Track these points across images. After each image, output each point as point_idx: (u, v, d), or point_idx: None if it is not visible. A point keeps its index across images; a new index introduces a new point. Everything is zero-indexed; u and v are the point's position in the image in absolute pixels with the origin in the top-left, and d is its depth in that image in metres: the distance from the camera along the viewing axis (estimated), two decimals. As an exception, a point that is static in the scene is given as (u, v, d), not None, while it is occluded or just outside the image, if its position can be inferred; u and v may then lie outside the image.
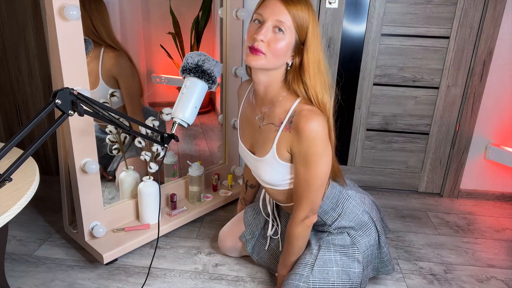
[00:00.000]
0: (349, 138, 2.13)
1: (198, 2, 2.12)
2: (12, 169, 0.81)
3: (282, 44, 1.03)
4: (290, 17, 1.01)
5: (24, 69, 1.96)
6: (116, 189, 1.76)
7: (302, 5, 1.02)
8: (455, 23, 1.86)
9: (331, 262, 1.20)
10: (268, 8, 1.02)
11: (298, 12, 1.01)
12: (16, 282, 1.42)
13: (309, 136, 1.04)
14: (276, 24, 1.02)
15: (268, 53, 1.03)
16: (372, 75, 1.99)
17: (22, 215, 1.81)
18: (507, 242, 1.77)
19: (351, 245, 1.24)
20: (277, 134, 1.12)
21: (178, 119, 1.23)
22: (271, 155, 1.15)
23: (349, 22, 1.93)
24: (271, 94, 1.15)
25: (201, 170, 1.75)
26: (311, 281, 1.17)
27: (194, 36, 2.18)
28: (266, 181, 1.23)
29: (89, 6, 1.63)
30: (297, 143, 1.08)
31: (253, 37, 1.03)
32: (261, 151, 1.19)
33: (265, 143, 1.17)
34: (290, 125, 1.09)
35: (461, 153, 2.06)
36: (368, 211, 1.30)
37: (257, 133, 1.21)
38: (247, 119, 1.27)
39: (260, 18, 1.04)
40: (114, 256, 1.48)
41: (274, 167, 1.17)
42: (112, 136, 1.61)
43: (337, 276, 1.18)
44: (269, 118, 1.15)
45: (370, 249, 1.27)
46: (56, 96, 0.89)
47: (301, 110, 1.08)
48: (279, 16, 1.01)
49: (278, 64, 1.07)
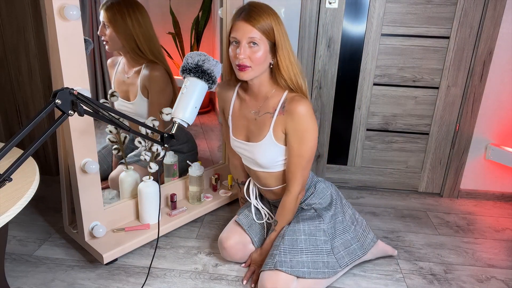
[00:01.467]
0: (349, 138, 2.13)
1: (198, 2, 2.12)
2: (12, 169, 0.81)
3: (260, 54, 1.26)
4: (258, 31, 1.24)
5: (24, 69, 1.96)
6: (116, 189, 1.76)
7: (263, 16, 1.24)
8: (455, 23, 1.86)
9: (299, 232, 1.40)
10: (239, 31, 1.25)
11: (261, 24, 1.24)
12: (16, 282, 1.42)
13: (300, 115, 1.29)
14: (249, 40, 1.25)
15: (252, 65, 1.27)
16: (372, 75, 1.99)
17: (22, 215, 1.81)
18: (507, 242, 1.77)
19: (317, 217, 1.44)
20: (273, 119, 1.34)
21: (178, 119, 1.23)
22: (268, 138, 1.36)
23: (349, 22, 1.93)
24: (264, 91, 1.37)
25: (201, 170, 1.75)
26: (282, 248, 1.36)
27: (194, 36, 2.19)
28: (261, 163, 1.42)
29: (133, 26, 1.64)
30: (291, 122, 1.30)
31: (237, 57, 1.26)
32: (258, 137, 1.39)
33: (261, 130, 1.38)
34: (283, 109, 1.32)
35: (461, 153, 2.06)
36: (334, 193, 1.54)
37: (252, 124, 1.41)
38: (240, 115, 1.45)
39: (235, 40, 1.27)
40: (114, 256, 1.48)
41: (270, 149, 1.38)
42: (112, 136, 1.61)
43: (305, 242, 1.38)
44: (265, 109, 1.37)
45: (332, 222, 1.46)
46: (56, 96, 0.89)
47: (291, 97, 1.32)
48: (249, 34, 1.24)
49: (263, 69, 1.31)
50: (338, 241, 1.45)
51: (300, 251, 1.36)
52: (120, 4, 1.63)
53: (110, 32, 1.65)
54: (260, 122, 1.38)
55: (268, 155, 1.39)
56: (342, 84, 2.03)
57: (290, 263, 1.33)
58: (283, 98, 1.33)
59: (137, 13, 1.65)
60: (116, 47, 1.70)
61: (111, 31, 1.65)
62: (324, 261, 1.38)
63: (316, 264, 1.37)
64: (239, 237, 1.52)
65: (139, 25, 1.65)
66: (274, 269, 1.32)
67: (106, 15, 1.63)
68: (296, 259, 1.34)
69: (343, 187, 2.22)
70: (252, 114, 1.40)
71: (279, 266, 1.32)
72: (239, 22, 1.25)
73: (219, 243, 1.55)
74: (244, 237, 1.53)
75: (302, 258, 1.35)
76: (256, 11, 1.25)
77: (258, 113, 1.39)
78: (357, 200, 2.10)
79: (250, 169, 1.52)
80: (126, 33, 1.65)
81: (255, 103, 1.40)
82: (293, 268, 1.32)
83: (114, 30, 1.64)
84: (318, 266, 1.37)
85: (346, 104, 2.07)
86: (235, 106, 1.46)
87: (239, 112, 1.45)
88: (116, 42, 1.67)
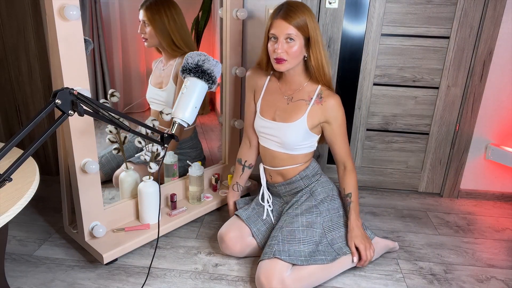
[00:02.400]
0: (349, 138, 2.13)
1: (198, 2, 2.12)
2: (12, 169, 0.81)
3: (295, 48, 1.39)
4: (294, 28, 1.36)
5: (24, 69, 1.96)
6: (116, 189, 1.76)
7: (298, 14, 1.37)
8: (455, 23, 1.86)
9: (297, 223, 1.48)
10: (277, 28, 1.38)
11: (297, 21, 1.36)
12: (16, 282, 1.42)
13: (338, 105, 1.49)
14: (286, 36, 1.37)
15: (288, 58, 1.40)
16: (372, 75, 1.99)
17: (22, 215, 1.81)
18: (507, 242, 1.77)
19: (315, 210, 1.52)
20: (309, 106, 1.49)
21: (178, 119, 1.23)
22: (301, 121, 1.49)
23: (349, 22, 1.93)
24: (297, 81, 1.51)
25: (201, 170, 1.75)
26: (280, 238, 1.43)
27: (194, 36, 2.18)
28: (287, 142, 1.52)
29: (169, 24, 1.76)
30: (333, 112, 1.48)
31: (275, 51, 1.39)
32: (289, 118, 1.51)
33: (294, 113, 1.50)
34: (320, 99, 1.48)
35: (461, 153, 2.06)
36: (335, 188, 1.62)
37: (283, 108, 1.54)
38: (271, 99, 1.57)
39: (274, 36, 1.40)
40: (114, 256, 1.48)
41: (298, 131, 1.50)
42: (112, 136, 1.61)
43: (302, 233, 1.45)
44: (299, 96, 1.51)
45: (329, 216, 1.53)
46: (56, 96, 0.89)
47: (327, 92, 1.49)
48: (286, 30, 1.36)
49: (297, 61, 1.44)
50: (336, 234, 1.51)
51: (298, 241, 1.43)
52: (158, 4, 1.76)
53: (150, 30, 1.77)
54: (293, 106, 1.51)
55: (296, 137, 1.50)
56: (342, 84, 2.03)
57: (289, 252, 1.40)
58: (318, 88, 1.49)
59: (172, 11, 1.78)
60: (153, 43, 1.82)
61: (150, 29, 1.77)
62: (320, 251, 1.45)
63: (313, 253, 1.43)
64: (238, 229, 1.56)
65: (175, 22, 1.78)
66: (272, 257, 1.38)
67: (146, 14, 1.76)
68: (294, 248, 1.41)
69: (343, 187, 2.22)
70: (284, 99, 1.53)
71: (278, 255, 1.38)
72: (277, 20, 1.37)
73: (219, 237, 1.57)
74: (243, 229, 1.56)
75: (300, 248, 1.42)
76: (293, 10, 1.37)
77: (291, 99, 1.52)
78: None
79: (268, 150, 1.60)
80: (163, 31, 1.77)
81: (288, 90, 1.53)
82: (291, 257, 1.38)
83: (153, 28, 1.76)
84: (315, 255, 1.43)
85: (346, 104, 2.04)
86: (267, 90, 1.58)
87: (270, 97, 1.57)
88: (154, 39, 1.80)
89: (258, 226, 1.58)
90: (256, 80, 1.61)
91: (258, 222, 1.59)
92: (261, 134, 1.60)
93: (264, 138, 1.60)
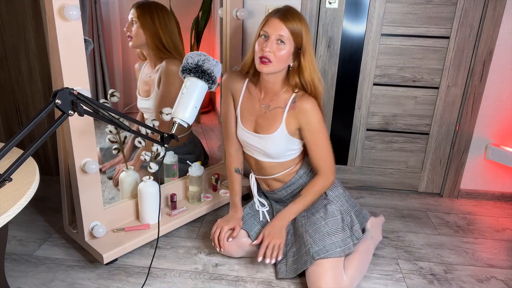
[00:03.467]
0: (349, 138, 2.13)
1: (198, 2, 2.12)
2: (12, 169, 0.81)
3: (284, 52, 1.34)
4: (288, 31, 1.32)
5: (24, 69, 1.96)
6: (116, 189, 1.76)
7: (296, 20, 1.33)
8: (455, 23, 1.86)
9: (318, 220, 1.45)
10: (271, 26, 1.33)
11: (293, 25, 1.32)
12: (16, 282, 1.42)
13: (311, 109, 1.40)
14: (278, 37, 1.33)
15: (274, 61, 1.34)
16: (372, 75, 1.99)
17: (22, 215, 1.81)
18: (507, 242, 1.77)
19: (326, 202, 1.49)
20: (285, 113, 1.44)
21: (178, 119, 1.23)
22: (280, 130, 1.45)
23: (349, 22, 1.93)
24: (276, 88, 1.46)
25: (201, 170, 1.75)
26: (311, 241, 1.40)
27: (194, 36, 2.18)
28: (271, 154, 1.50)
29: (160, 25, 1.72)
30: (304, 117, 1.41)
31: (262, 49, 1.33)
32: (269, 129, 1.47)
33: (273, 123, 1.46)
34: (294, 104, 1.42)
35: (461, 153, 2.06)
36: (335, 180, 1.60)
37: (262, 118, 1.49)
38: (250, 108, 1.51)
39: (265, 34, 1.35)
40: (114, 256, 1.48)
41: (281, 141, 1.47)
42: (112, 136, 1.61)
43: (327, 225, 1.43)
44: (275, 104, 1.46)
45: (341, 199, 1.54)
46: (56, 96, 0.89)
47: (300, 94, 1.43)
48: (280, 31, 1.32)
49: (282, 67, 1.39)
50: (353, 215, 1.55)
51: (327, 234, 1.41)
52: (151, 5, 1.73)
53: (137, 28, 1.72)
54: (270, 115, 1.46)
55: (279, 147, 1.47)
56: (342, 84, 2.03)
57: (325, 248, 1.38)
58: (294, 94, 1.43)
59: (165, 15, 1.75)
60: (139, 43, 1.76)
61: (137, 27, 1.72)
62: (349, 236, 1.46)
63: (345, 241, 1.43)
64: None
65: (165, 25, 1.74)
66: (314, 261, 1.36)
67: (136, 11, 1.71)
68: (328, 243, 1.40)
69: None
70: (262, 107, 1.48)
71: (317, 256, 1.36)
72: (273, 19, 1.33)
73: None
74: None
75: (332, 240, 1.41)
76: (291, 14, 1.34)
77: (268, 107, 1.47)
78: (357, 200, 2.10)
79: (255, 160, 1.57)
80: (151, 31, 1.72)
81: (265, 98, 1.48)
82: (329, 252, 1.37)
83: (141, 26, 1.71)
84: (347, 242, 1.43)
85: (346, 104, 2.07)
86: (244, 97, 1.52)
87: (248, 104, 1.51)
88: (141, 38, 1.74)
89: (256, 229, 1.56)
90: (233, 85, 1.54)
91: (255, 225, 1.57)
92: (245, 144, 1.57)
93: (248, 149, 1.57)
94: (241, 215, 1.59)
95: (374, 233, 1.67)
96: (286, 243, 1.50)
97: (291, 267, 1.45)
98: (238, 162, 1.64)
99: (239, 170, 1.65)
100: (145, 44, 1.75)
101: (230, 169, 1.64)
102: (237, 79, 1.54)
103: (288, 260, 1.47)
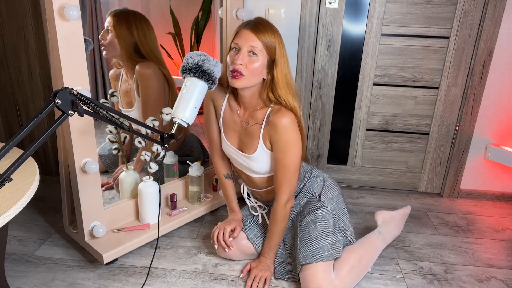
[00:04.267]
0: (349, 138, 2.13)
1: (198, 2, 2.12)
2: (12, 169, 0.81)
3: (257, 65, 1.28)
4: (260, 42, 1.26)
5: (24, 69, 1.96)
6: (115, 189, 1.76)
7: (268, 32, 1.28)
8: (455, 23, 1.86)
9: (308, 224, 1.43)
10: (242, 38, 1.28)
11: (266, 37, 1.27)
12: (16, 282, 1.42)
13: (283, 127, 1.31)
14: (250, 49, 1.27)
15: (247, 74, 1.27)
16: (372, 75, 1.99)
17: (22, 215, 1.81)
18: (507, 242, 1.77)
19: (319, 205, 1.47)
20: (261, 130, 1.38)
21: (178, 119, 1.23)
22: (260, 149, 1.39)
23: (349, 22, 1.93)
24: (254, 103, 1.39)
25: (201, 170, 1.75)
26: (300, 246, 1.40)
27: (194, 36, 2.18)
28: (256, 171, 1.46)
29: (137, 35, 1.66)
30: (275, 133, 1.33)
31: (234, 62, 1.27)
32: (250, 148, 1.42)
33: (252, 140, 1.41)
34: (268, 119, 1.35)
35: (461, 153, 2.06)
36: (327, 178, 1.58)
37: (243, 134, 1.44)
38: (232, 123, 1.46)
39: (236, 47, 1.29)
40: (114, 256, 1.48)
41: (264, 159, 1.42)
42: (112, 136, 1.61)
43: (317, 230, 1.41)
44: (254, 120, 1.39)
45: (335, 201, 1.51)
46: (56, 96, 0.89)
47: (276, 109, 1.34)
48: (252, 42, 1.26)
49: (256, 81, 1.32)
50: (345, 220, 1.52)
51: (315, 239, 1.40)
52: (129, 14, 1.66)
53: (112, 37, 1.66)
54: (250, 132, 1.41)
55: (263, 164, 1.43)
56: (342, 84, 2.03)
57: (311, 253, 1.38)
58: (269, 109, 1.36)
59: (143, 25, 1.68)
60: (113, 53, 1.70)
61: (112, 36, 1.65)
62: (340, 240, 1.44)
63: (335, 245, 1.41)
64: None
65: (145, 36, 1.68)
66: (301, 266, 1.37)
67: (111, 20, 1.65)
68: (316, 247, 1.38)
69: (343, 187, 2.22)
70: (242, 123, 1.43)
71: (303, 261, 1.37)
72: (244, 30, 1.29)
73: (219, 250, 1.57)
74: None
75: (320, 244, 1.39)
76: (263, 25, 1.29)
77: (247, 124, 1.41)
78: (357, 200, 2.10)
79: (245, 174, 1.53)
80: (127, 41, 1.66)
81: (244, 113, 1.43)
82: (315, 256, 1.37)
83: (116, 36, 1.65)
84: (337, 246, 1.41)
85: (346, 104, 2.07)
86: (225, 111, 1.47)
87: (229, 118, 1.46)
88: (115, 48, 1.68)
89: (255, 232, 1.56)
90: (215, 95, 1.47)
91: (254, 228, 1.57)
92: (232, 160, 1.54)
93: (236, 164, 1.54)
94: (241, 217, 1.59)
95: (384, 229, 1.61)
96: (284, 247, 1.52)
97: (290, 272, 1.47)
98: (226, 168, 1.61)
99: (229, 175, 1.62)
100: (119, 55, 1.70)
101: (220, 176, 1.62)
102: (219, 91, 1.46)
103: (287, 265, 1.49)
